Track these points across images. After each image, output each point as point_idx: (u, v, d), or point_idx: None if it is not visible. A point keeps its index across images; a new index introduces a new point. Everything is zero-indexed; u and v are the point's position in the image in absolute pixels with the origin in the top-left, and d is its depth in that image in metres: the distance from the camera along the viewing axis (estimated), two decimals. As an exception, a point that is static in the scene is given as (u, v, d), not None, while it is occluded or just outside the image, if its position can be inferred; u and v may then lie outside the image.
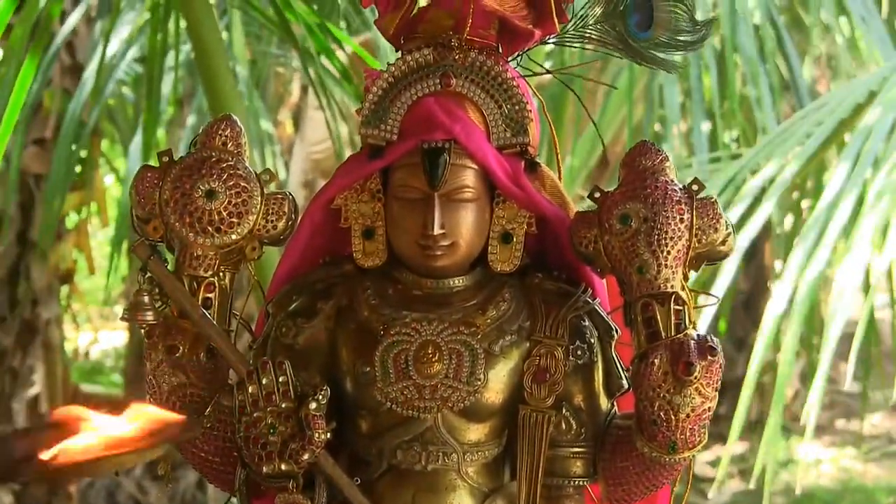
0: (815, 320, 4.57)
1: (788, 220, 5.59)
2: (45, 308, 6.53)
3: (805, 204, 5.27)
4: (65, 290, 7.28)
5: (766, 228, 4.29)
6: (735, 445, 9.02)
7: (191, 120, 6.11)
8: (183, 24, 4.14)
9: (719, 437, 4.18)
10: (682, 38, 2.12)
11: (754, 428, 9.53)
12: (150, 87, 4.35)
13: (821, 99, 4.76)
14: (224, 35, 5.10)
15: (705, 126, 5.45)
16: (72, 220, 6.99)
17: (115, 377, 11.48)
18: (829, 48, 5.73)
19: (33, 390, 6.48)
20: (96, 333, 11.42)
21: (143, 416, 1.67)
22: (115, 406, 1.67)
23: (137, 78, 6.33)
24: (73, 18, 5.11)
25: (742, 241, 3.68)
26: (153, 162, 2.03)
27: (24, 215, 6.31)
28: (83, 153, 6.05)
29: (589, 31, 2.14)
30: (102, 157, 7.48)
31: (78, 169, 6.31)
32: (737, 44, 5.02)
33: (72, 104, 4.91)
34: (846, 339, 3.61)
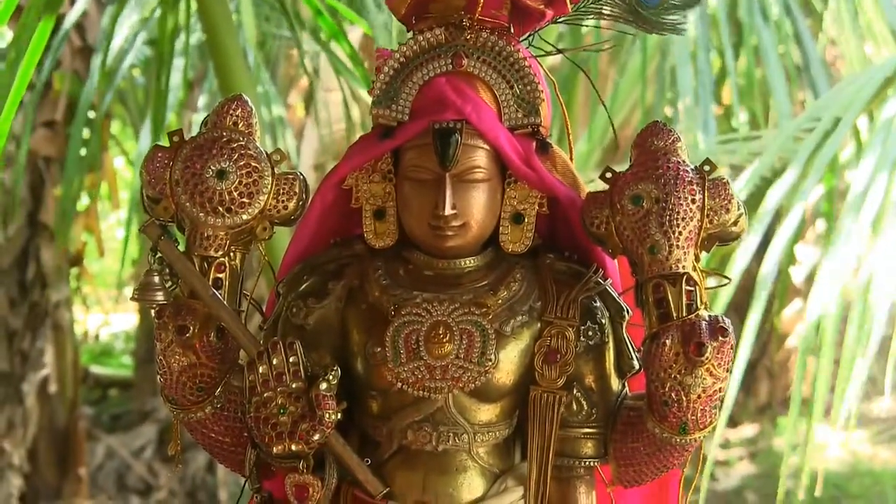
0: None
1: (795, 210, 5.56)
2: (55, 290, 6.55)
3: (818, 191, 5.24)
4: (75, 272, 7.29)
5: (778, 214, 4.27)
6: (746, 428, 9.05)
7: (202, 103, 6.11)
8: (194, 6, 4.13)
9: (729, 420, 4.17)
10: None
11: (765, 411, 9.56)
12: (161, 70, 4.34)
13: (835, 88, 4.73)
14: (234, 17, 5.08)
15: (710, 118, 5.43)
16: (81, 202, 6.99)
17: (125, 359, 11.51)
18: (842, 33, 5.70)
19: (43, 372, 6.51)
20: (106, 316, 11.44)
21: None
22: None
23: (148, 61, 6.33)
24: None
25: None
26: (164, 143, 2.02)
27: (34, 197, 6.32)
28: (93, 136, 6.05)
29: (599, 6, 2.13)
30: (112, 140, 7.49)
31: (84, 152, 6.32)
32: (752, 25, 5.01)
33: (86, 86, 4.90)
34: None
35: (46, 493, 6.69)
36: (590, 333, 2.04)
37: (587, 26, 2.21)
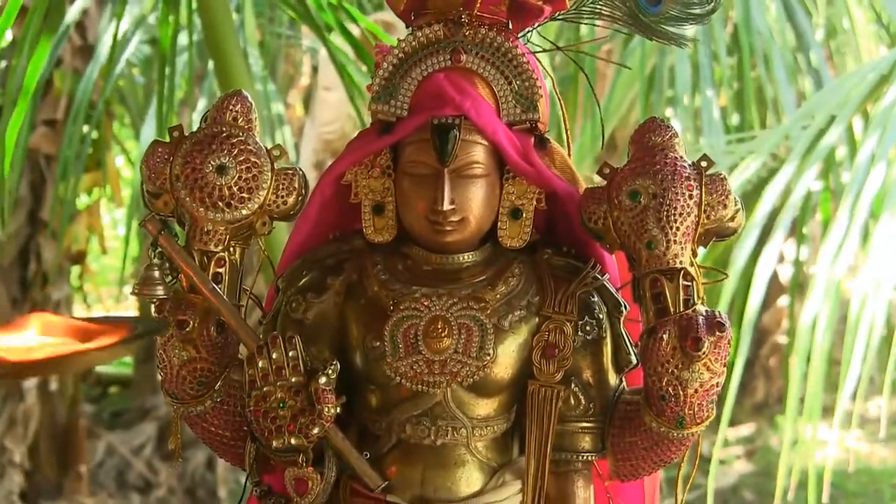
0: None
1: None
2: (56, 289, 6.54)
3: (815, 187, 5.25)
4: (76, 270, 7.29)
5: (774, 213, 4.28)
6: (743, 426, 9.05)
7: (201, 102, 6.11)
8: (194, 4, 4.14)
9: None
10: (693, 11, 2.11)
11: (761, 409, 9.57)
12: (163, 68, 4.34)
13: (829, 86, 4.74)
14: (234, 16, 5.09)
15: (715, 108, 5.42)
16: (83, 201, 6.99)
17: (125, 357, 11.50)
18: (832, 34, 5.71)
19: (43, 370, 6.49)
20: (107, 314, 11.43)
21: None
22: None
23: (147, 60, 6.33)
24: (84, -1, 5.11)
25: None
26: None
27: (34, 196, 6.32)
28: (94, 134, 6.05)
29: (599, 6, 2.13)
30: (114, 139, 7.49)
31: (89, 150, 6.32)
32: (750, 25, 5.00)
33: (82, 84, 4.90)
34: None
35: (47, 490, 6.69)
36: (587, 328, 2.04)
37: (586, 23, 2.22)
